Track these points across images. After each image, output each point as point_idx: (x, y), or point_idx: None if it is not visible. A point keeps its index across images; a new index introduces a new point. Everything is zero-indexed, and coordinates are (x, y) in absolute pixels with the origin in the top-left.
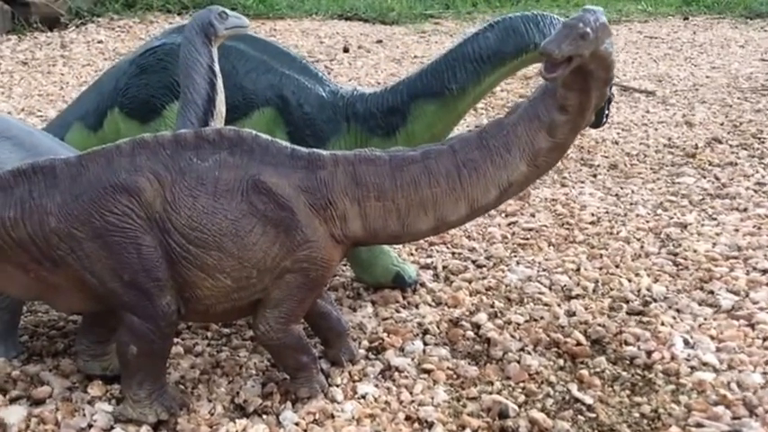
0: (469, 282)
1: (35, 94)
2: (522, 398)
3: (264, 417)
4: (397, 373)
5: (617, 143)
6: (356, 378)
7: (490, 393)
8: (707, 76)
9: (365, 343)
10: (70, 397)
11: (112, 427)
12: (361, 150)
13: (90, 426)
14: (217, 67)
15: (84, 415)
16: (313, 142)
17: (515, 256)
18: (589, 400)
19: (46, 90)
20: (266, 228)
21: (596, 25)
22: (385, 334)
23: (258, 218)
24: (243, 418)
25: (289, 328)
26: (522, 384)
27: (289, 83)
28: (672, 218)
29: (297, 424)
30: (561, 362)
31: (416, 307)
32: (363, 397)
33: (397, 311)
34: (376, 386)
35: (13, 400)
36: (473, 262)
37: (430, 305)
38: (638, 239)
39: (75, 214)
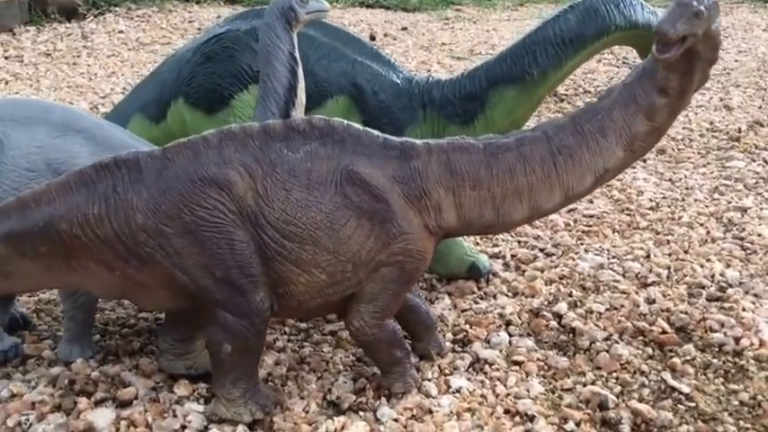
0: (542, 271)
1: (64, 86)
2: (617, 388)
3: (361, 413)
4: (487, 366)
5: None
6: (447, 372)
7: (584, 384)
8: (735, 60)
9: (449, 335)
10: (157, 398)
11: (207, 428)
12: (454, 138)
13: (183, 427)
14: (297, 54)
15: (176, 416)
16: (390, 131)
17: (582, 244)
18: (686, 389)
19: (74, 81)
20: (361, 220)
21: (709, 3)
22: (468, 326)
23: (353, 210)
24: (340, 416)
25: (383, 322)
26: (614, 374)
27: (362, 70)
28: (730, 202)
29: (396, 420)
30: (650, 350)
31: (494, 297)
32: (458, 391)
33: (476, 302)
34: (468, 380)
35: (98, 403)
36: (541, 250)
37: (507, 296)
38: (702, 224)
39: (163, 209)
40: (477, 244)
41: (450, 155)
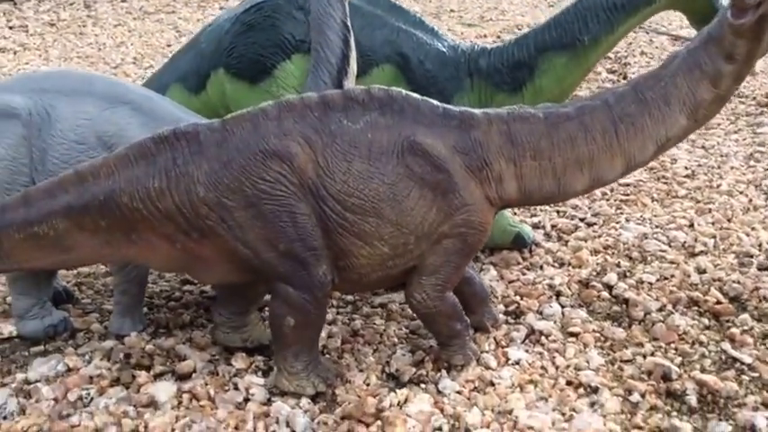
0: (585, 241)
1: (73, 57)
2: (677, 359)
3: (422, 386)
4: (543, 338)
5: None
6: (503, 344)
7: (644, 356)
8: None
9: (501, 307)
10: (216, 371)
11: (269, 401)
12: (513, 108)
13: (246, 400)
14: (350, 23)
15: (238, 389)
16: (436, 100)
17: (622, 213)
18: (747, 359)
19: (84, 52)
20: (423, 192)
21: None
22: (518, 297)
23: (415, 181)
24: (402, 388)
25: (445, 295)
26: (672, 345)
27: (407, 38)
28: (767, 169)
29: (459, 392)
30: (706, 321)
31: (541, 268)
32: (517, 363)
33: (523, 273)
34: (526, 351)
35: (157, 376)
36: (581, 220)
37: (553, 266)
38: (741, 192)
39: (224, 182)
40: (516, 214)
41: (510, 125)
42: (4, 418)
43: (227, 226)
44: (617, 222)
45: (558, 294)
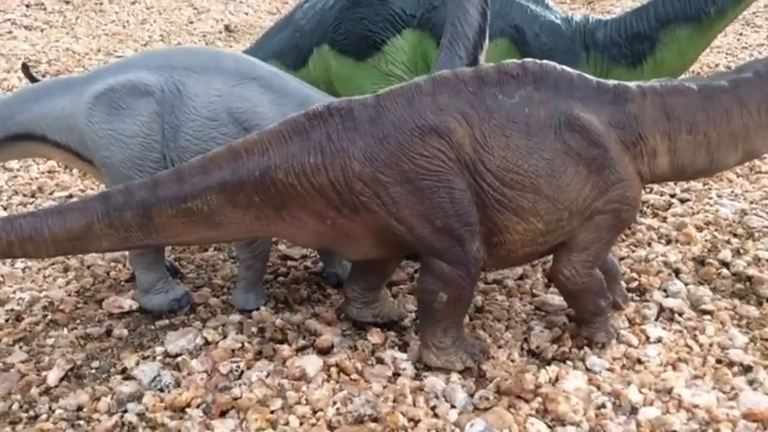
0: (682, 216)
1: (101, 34)
2: None
3: (568, 362)
4: (677, 315)
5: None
6: (637, 321)
7: None
8: None
9: (621, 284)
10: (354, 345)
11: (418, 375)
12: (666, 80)
13: (396, 375)
14: None
15: (384, 363)
16: None
17: (711, 189)
18: None
19: (109, 29)
20: (579, 167)
21: None
22: (635, 274)
23: (571, 157)
24: (550, 365)
25: (593, 271)
26: None
27: (520, 11)
28: None
29: (610, 370)
30: None
31: (648, 245)
32: (659, 341)
33: (632, 251)
34: (664, 329)
35: (299, 350)
36: (671, 196)
37: (660, 243)
38: None
39: (381, 158)
40: None
41: (665, 98)
42: (161, 390)
43: (382, 201)
44: (709, 198)
45: (677, 272)
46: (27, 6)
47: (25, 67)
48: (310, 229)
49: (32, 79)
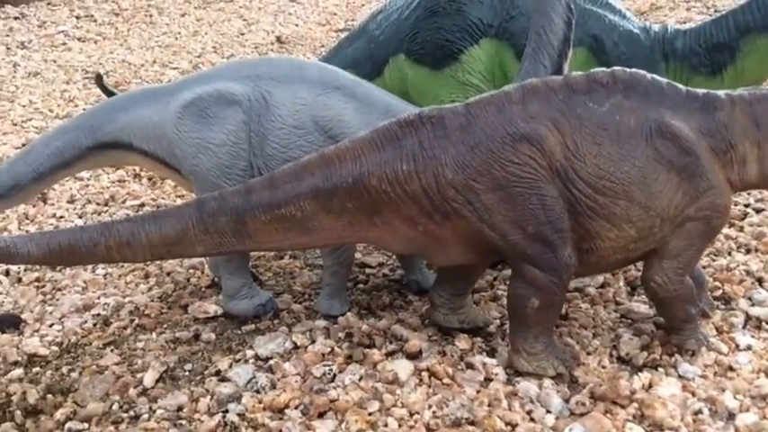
0: (759, 227)
1: (154, 46)
2: None
3: (660, 369)
4: (764, 324)
5: None
6: (725, 329)
7: None
8: None
9: (707, 293)
10: (443, 350)
11: (510, 380)
12: (754, 89)
13: (488, 380)
14: (573, 4)
15: (474, 368)
16: None
17: None
18: None
19: (162, 41)
20: (670, 174)
21: None
22: (718, 283)
23: (663, 164)
24: (642, 372)
25: (685, 279)
26: None
27: (597, 20)
28: None
29: (703, 377)
30: None
31: (729, 254)
32: (749, 348)
33: (713, 260)
34: (753, 337)
35: (389, 354)
36: (745, 206)
37: (740, 252)
38: None
39: (473, 165)
40: None
41: (753, 106)
42: (257, 391)
43: (474, 208)
44: None
45: (760, 280)
46: (77, 18)
47: (99, 78)
48: (401, 235)
49: (106, 90)
